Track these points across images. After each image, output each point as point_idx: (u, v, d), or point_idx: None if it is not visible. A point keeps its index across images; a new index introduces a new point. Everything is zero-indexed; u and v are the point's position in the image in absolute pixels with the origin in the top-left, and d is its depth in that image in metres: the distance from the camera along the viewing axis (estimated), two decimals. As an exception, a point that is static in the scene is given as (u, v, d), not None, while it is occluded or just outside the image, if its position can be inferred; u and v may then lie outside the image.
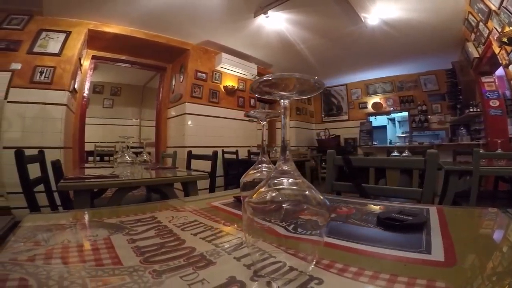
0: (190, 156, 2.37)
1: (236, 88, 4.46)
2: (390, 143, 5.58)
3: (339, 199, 0.86)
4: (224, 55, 4.07)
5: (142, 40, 3.57)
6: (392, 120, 6.32)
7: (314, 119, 6.72)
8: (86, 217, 0.66)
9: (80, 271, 0.31)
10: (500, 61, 2.58)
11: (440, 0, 2.84)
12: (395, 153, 3.09)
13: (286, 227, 0.31)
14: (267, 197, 0.31)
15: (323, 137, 6.29)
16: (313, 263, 0.32)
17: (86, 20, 3.14)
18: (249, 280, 0.29)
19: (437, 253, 0.36)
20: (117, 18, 3.22)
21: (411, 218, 0.52)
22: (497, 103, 3.31)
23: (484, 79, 3.38)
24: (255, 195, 0.31)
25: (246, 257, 0.35)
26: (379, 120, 6.14)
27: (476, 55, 3.10)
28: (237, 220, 0.59)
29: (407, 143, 5.06)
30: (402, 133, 5.75)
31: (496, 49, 2.56)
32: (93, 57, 3.74)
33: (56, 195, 1.58)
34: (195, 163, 2.27)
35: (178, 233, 0.48)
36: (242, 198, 0.51)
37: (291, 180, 0.32)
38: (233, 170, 3.70)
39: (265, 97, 0.33)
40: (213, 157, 1.96)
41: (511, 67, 2.45)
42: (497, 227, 0.58)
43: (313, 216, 0.30)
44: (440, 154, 3.82)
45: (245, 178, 0.57)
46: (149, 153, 4.56)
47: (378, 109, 5.77)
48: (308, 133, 6.43)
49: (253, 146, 4.49)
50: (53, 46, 2.88)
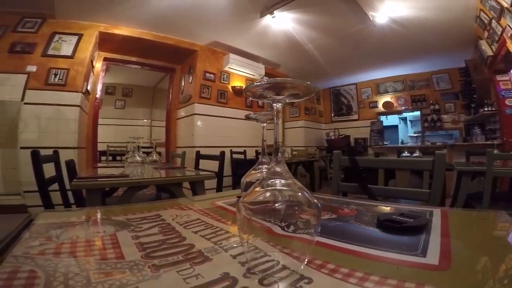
0: (198, 156, 2.41)
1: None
2: (402, 143, 5.47)
3: (343, 200, 0.86)
4: (232, 56, 4.10)
5: (151, 42, 3.64)
6: (404, 120, 6.19)
7: (324, 119, 6.66)
8: (95, 215, 0.69)
9: (85, 264, 0.34)
10: (516, 59, 2.49)
11: (450, -2, 2.78)
12: (406, 154, 3.04)
13: (278, 226, 0.32)
14: (260, 198, 0.32)
15: (333, 137, 6.23)
16: (305, 263, 0.33)
17: (97, 23, 3.22)
18: (242, 277, 0.31)
19: (432, 257, 0.36)
20: (127, 21, 3.29)
21: (412, 221, 0.52)
22: (513, 102, 3.19)
23: (499, 78, 3.26)
24: (249, 196, 0.33)
25: (242, 255, 0.37)
26: (390, 120, 6.03)
27: (490, 53, 3.00)
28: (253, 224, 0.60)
29: (420, 143, 4.96)
30: (414, 133, 5.63)
31: (511, 47, 2.48)
32: (105, 59, 3.85)
33: (70, 194, 1.64)
34: (204, 163, 2.30)
35: (180, 231, 0.50)
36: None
37: (283, 181, 0.33)
38: (241, 170, 3.72)
39: (261, 101, 0.34)
40: (220, 157, 1.99)
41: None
42: (502, 232, 0.57)
43: (304, 216, 0.31)
44: (454, 155, 3.71)
45: (246, 179, 0.58)
46: (159, 153, 4.64)
47: (389, 109, 5.67)
48: (318, 133, 6.39)
49: (261, 146, 4.50)
50: (66, 49, 2.97)
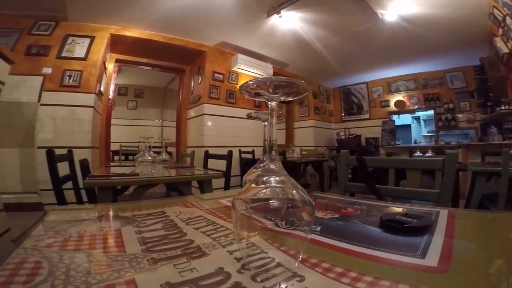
0: (207, 156, 2.44)
1: (253, 88, 4.48)
2: (415, 143, 5.34)
3: (347, 200, 0.85)
4: (240, 56, 4.11)
5: (161, 43, 3.71)
6: (417, 119, 6.03)
7: (334, 119, 6.58)
8: (103, 211, 0.71)
9: (88, 257, 0.35)
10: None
11: (460, -6, 2.70)
12: (418, 154, 2.97)
13: (272, 223, 0.33)
14: (254, 194, 0.33)
15: (343, 137, 6.15)
16: (299, 260, 0.33)
17: (108, 25, 3.31)
18: (236, 272, 0.31)
19: (431, 259, 0.35)
20: (136, 22, 3.36)
21: (415, 221, 0.51)
22: (532, 100, 3.06)
23: (517, 75, 3.13)
24: (243, 193, 0.33)
25: (239, 251, 0.37)
26: (403, 119, 5.89)
27: (506, 51, 2.88)
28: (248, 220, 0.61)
29: (433, 143, 4.83)
30: (428, 133, 5.48)
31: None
32: (117, 61, 3.95)
33: (84, 192, 1.69)
34: (213, 163, 2.33)
35: (182, 227, 0.51)
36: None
37: (278, 178, 0.34)
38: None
39: (256, 99, 0.35)
40: (228, 157, 2.01)
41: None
42: (510, 234, 0.55)
43: (298, 213, 0.32)
44: (469, 155, 3.59)
45: (248, 177, 0.59)
46: (170, 153, 4.71)
47: (402, 108, 5.54)
48: (328, 133, 6.32)
49: (263, 146, 4.50)
50: (79, 51, 3.06)
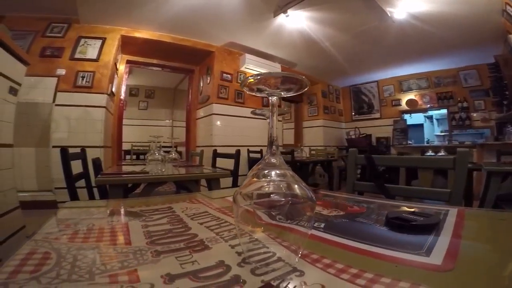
0: (215, 155, 2.46)
1: (260, 88, 4.49)
2: (428, 143, 5.22)
3: (354, 198, 0.84)
4: (248, 56, 4.12)
5: (170, 44, 3.76)
6: (430, 118, 5.89)
7: (344, 118, 6.51)
8: (112, 206, 0.73)
9: (95, 248, 0.36)
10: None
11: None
12: (430, 153, 2.90)
13: (272, 217, 0.33)
14: (256, 189, 0.33)
15: (353, 136, 6.07)
16: (299, 256, 0.33)
17: (119, 27, 3.38)
18: (236, 266, 0.32)
19: (436, 257, 0.34)
20: (146, 24, 3.43)
21: (421, 219, 0.50)
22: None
23: (533, 73, 3.01)
24: (244, 187, 0.33)
25: (240, 245, 0.38)
26: (415, 118, 5.76)
27: (522, 48, 2.78)
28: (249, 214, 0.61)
29: (447, 143, 4.71)
30: (441, 132, 5.34)
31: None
32: (128, 62, 4.04)
33: (96, 191, 1.74)
34: (222, 162, 2.35)
35: (187, 222, 0.52)
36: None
37: (278, 172, 0.34)
38: (258, 169, 3.73)
39: (257, 94, 0.35)
40: (236, 156, 2.02)
41: None
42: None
43: (298, 208, 0.32)
44: (484, 154, 3.47)
45: (251, 173, 0.59)
46: (180, 153, 4.76)
47: (413, 107, 5.42)
48: (337, 132, 6.26)
49: (278, 146, 4.49)
50: (91, 52, 3.15)
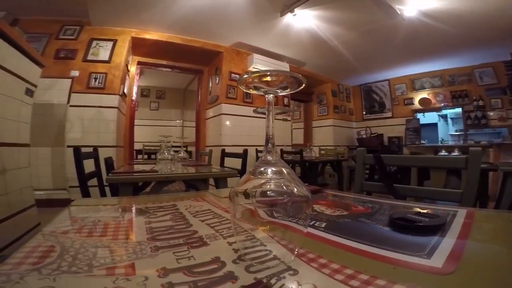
0: (224, 154, 2.48)
1: (269, 88, 4.48)
2: (442, 142, 5.07)
3: (360, 198, 0.83)
4: (256, 56, 4.12)
5: (179, 45, 3.81)
6: (444, 117, 5.72)
7: (354, 117, 6.42)
8: (119, 203, 0.75)
9: (97, 243, 0.38)
10: None
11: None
12: (443, 153, 2.82)
13: (267, 214, 0.33)
14: (252, 186, 0.33)
15: (364, 136, 5.98)
16: (295, 254, 0.33)
17: (129, 28, 3.45)
18: (231, 262, 0.32)
19: (437, 259, 0.33)
20: (155, 25, 3.49)
21: (426, 220, 0.49)
22: None
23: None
24: (241, 184, 0.34)
25: (243, 243, 0.38)
26: (428, 117, 5.61)
27: (539, 45, 2.67)
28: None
29: (462, 142, 4.56)
30: (456, 131, 5.19)
31: None
32: (138, 63, 4.12)
33: (108, 190, 1.79)
34: (230, 161, 2.37)
35: (189, 219, 0.53)
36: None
37: (275, 169, 0.34)
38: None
39: (254, 92, 0.35)
40: (243, 155, 2.03)
41: None
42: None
43: (293, 205, 0.32)
44: (502, 154, 3.35)
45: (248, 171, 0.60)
46: (190, 152, 4.81)
47: (427, 105, 5.28)
48: (348, 132, 6.17)
49: (287, 146, 4.48)
50: (103, 54, 3.23)
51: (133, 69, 4.03)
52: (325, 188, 1.01)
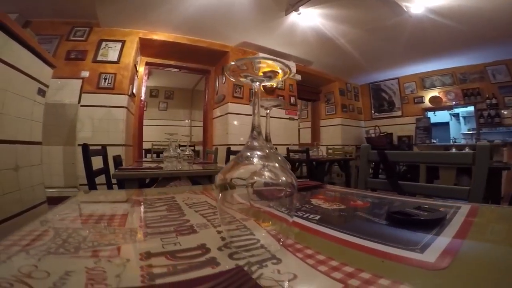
0: (229, 152, 2.50)
1: (275, 87, 4.48)
2: (454, 141, 4.94)
3: (360, 193, 0.82)
4: (261, 55, 4.12)
5: (186, 46, 3.86)
6: (456, 116, 5.58)
7: (363, 116, 6.33)
8: (121, 195, 0.76)
9: (90, 228, 0.39)
10: None
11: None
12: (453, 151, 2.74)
13: (250, 200, 0.33)
14: (237, 172, 0.33)
15: (373, 135, 5.89)
16: (280, 243, 0.33)
17: (136, 29, 3.52)
18: (216, 249, 0.32)
19: (431, 254, 0.31)
20: (162, 26, 3.54)
21: (425, 214, 0.48)
22: None
23: None
24: (226, 170, 0.34)
25: (227, 231, 0.38)
26: (440, 116, 5.49)
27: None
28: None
29: (474, 141, 4.43)
30: (468, 130, 5.05)
31: None
32: (147, 63, 4.19)
33: (116, 187, 1.83)
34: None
35: (184, 209, 0.53)
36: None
37: (260, 153, 0.34)
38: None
39: (242, 80, 0.35)
40: (248, 153, 2.03)
41: None
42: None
43: (278, 193, 0.32)
44: (516, 154, 3.19)
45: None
46: (198, 151, 4.85)
47: (437, 104, 5.16)
48: (356, 131, 6.10)
49: (294, 144, 4.45)
50: (112, 55, 3.30)
51: (142, 70, 4.11)
52: (326, 183, 1.00)
